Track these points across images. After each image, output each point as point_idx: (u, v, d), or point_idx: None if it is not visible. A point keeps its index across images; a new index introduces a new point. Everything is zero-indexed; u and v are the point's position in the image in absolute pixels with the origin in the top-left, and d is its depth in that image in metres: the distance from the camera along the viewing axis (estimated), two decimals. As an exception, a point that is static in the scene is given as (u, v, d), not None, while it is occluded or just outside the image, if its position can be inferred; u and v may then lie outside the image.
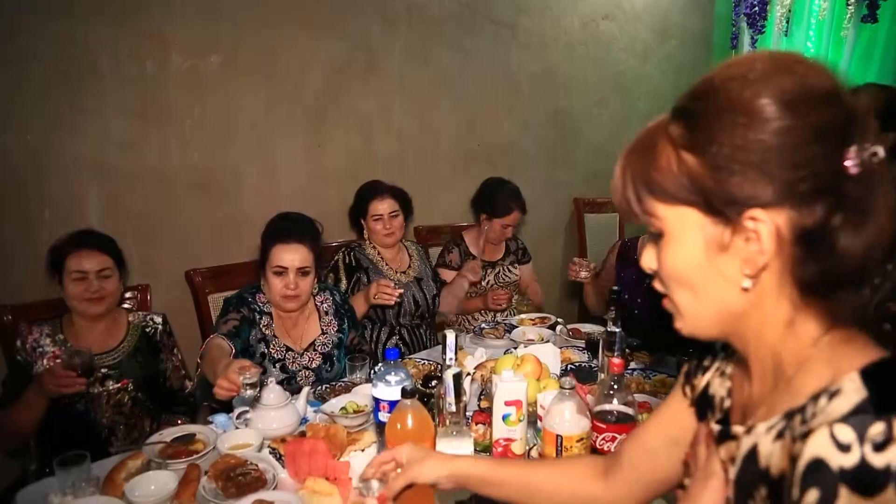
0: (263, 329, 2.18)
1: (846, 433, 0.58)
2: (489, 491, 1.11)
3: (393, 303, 2.51)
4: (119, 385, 2.05)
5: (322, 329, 2.30)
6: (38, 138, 2.44)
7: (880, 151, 0.62)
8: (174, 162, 2.76)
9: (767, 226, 0.66)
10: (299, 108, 3.11)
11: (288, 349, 2.20)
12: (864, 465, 0.56)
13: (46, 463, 1.90)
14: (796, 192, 0.64)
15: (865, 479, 0.56)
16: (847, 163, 0.63)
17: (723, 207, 0.68)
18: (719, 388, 0.88)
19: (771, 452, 0.65)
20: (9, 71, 2.36)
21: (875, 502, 0.55)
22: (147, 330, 2.20)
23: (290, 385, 2.14)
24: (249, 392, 1.63)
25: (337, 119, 3.24)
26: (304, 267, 2.15)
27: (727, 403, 0.86)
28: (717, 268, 0.71)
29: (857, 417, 0.58)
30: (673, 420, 0.94)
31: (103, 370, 2.03)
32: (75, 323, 2.08)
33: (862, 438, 0.57)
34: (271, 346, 2.17)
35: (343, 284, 2.72)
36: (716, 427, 0.80)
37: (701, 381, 0.92)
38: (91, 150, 2.55)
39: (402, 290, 2.54)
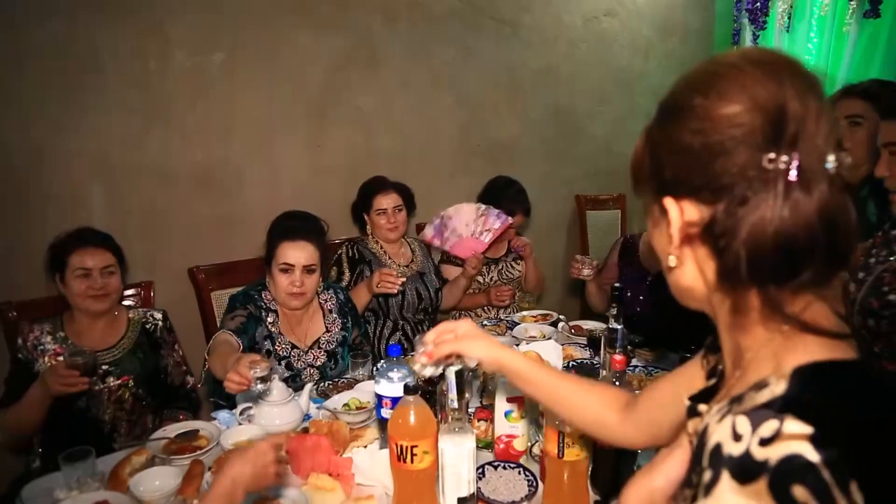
0: (269, 326, 2.18)
1: (744, 425, 0.62)
2: (520, 384, 1.21)
3: (395, 291, 2.52)
4: (120, 381, 2.06)
5: (326, 327, 2.30)
6: (41, 136, 2.45)
7: (793, 162, 0.65)
8: (176, 159, 2.77)
9: (674, 213, 0.74)
10: (301, 105, 3.12)
11: (293, 346, 2.21)
12: (747, 455, 0.60)
13: (49, 460, 1.91)
14: (703, 188, 0.71)
15: (744, 467, 0.60)
16: (765, 164, 0.66)
17: (655, 194, 0.78)
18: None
19: (714, 433, 0.68)
20: (11, 68, 2.37)
21: (747, 489, 0.59)
22: (147, 326, 2.21)
23: (295, 383, 2.14)
24: (260, 386, 1.63)
25: (338, 116, 3.25)
26: (311, 265, 2.16)
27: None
28: (660, 245, 0.81)
29: (759, 412, 0.62)
30: (686, 383, 0.97)
31: (104, 367, 2.04)
32: (76, 320, 2.08)
33: (754, 432, 0.61)
34: (277, 344, 2.18)
35: (346, 277, 2.73)
36: (686, 402, 0.85)
37: (717, 357, 0.95)
38: (94, 147, 2.56)
39: (404, 279, 2.54)
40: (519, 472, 1.51)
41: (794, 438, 0.58)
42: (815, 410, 0.60)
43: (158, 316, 2.25)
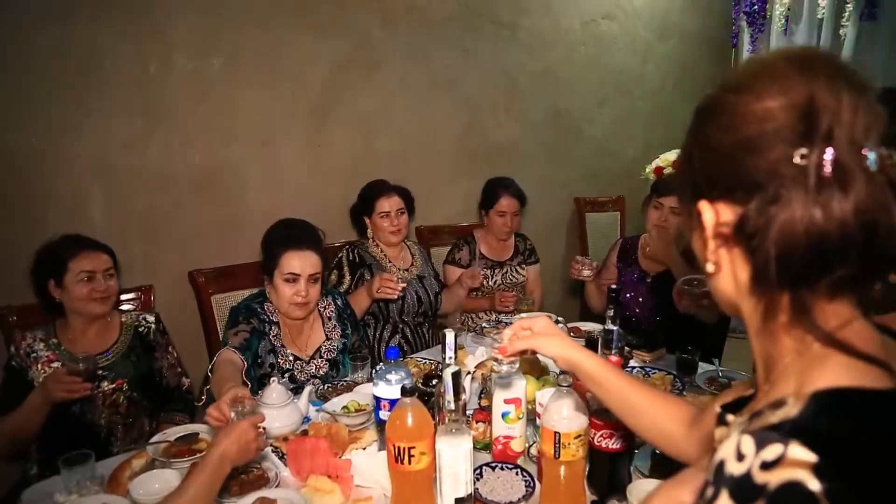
0: (272, 339, 2.16)
1: (748, 445, 0.60)
2: (591, 386, 1.22)
3: (395, 297, 2.52)
4: (114, 385, 2.06)
5: (326, 335, 2.29)
6: (42, 139, 2.46)
7: (827, 157, 0.63)
8: (177, 162, 2.78)
9: (708, 215, 0.72)
10: (301, 108, 3.13)
11: (296, 358, 2.19)
12: (747, 476, 0.59)
13: (47, 466, 1.92)
14: (736, 188, 0.69)
15: (744, 488, 0.59)
16: (797, 159, 0.64)
17: (689, 198, 0.76)
18: None
19: (720, 448, 0.67)
20: (13, 72, 2.38)
21: None
22: (140, 329, 2.21)
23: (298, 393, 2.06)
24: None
25: (338, 118, 3.26)
26: (316, 273, 2.14)
27: None
28: (699, 251, 0.79)
29: (765, 434, 0.60)
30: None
31: (98, 371, 2.05)
32: (70, 326, 2.08)
33: (757, 453, 0.59)
34: (280, 357, 2.16)
35: (346, 280, 2.73)
36: (717, 410, 0.83)
37: None
38: (94, 150, 2.57)
39: (404, 284, 2.55)
40: (516, 473, 1.51)
41: (797, 466, 0.56)
42: (825, 439, 0.57)
43: (151, 318, 2.25)
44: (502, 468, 1.54)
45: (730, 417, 0.79)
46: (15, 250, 2.36)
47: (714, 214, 0.72)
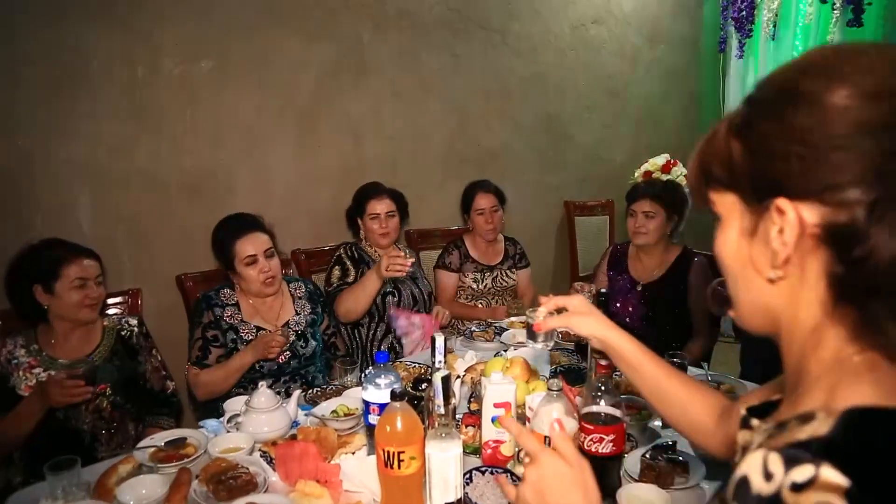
0: (228, 319, 2.29)
1: (776, 464, 0.57)
2: (623, 367, 1.21)
3: (405, 273, 2.49)
4: (97, 390, 2.04)
5: (296, 311, 2.43)
6: (30, 142, 2.44)
7: None
8: (166, 166, 2.77)
9: (791, 217, 0.63)
10: (291, 112, 3.12)
11: (259, 328, 2.31)
12: (777, 498, 0.56)
13: (31, 473, 1.90)
14: (831, 187, 0.61)
15: None
16: None
17: (755, 194, 0.68)
18: None
19: (743, 462, 0.63)
20: (0, 75, 2.36)
21: None
22: (123, 333, 2.20)
23: (268, 361, 2.24)
24: None
25: (328, 123, 3.26)
26: (269, 248, 2.32)
27: None
28: (750, 256, 0.70)
29: (794, 452, 0.56)
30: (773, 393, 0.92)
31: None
32: (53, 331, 2.06)
33: (786, 473, 0.56)
34: (241, 331, 2.29)
35: (352, 273, 2.73)
36: (742, 412, 0.80)
37: None
38: (83, 154, 2.56)
39: (413, 259, 2.53)
40: (506, 478, 1.51)
41: (829, 489, 0.52)
42: (858, 462, 0.54)
43: (134, 322, 2.24)
44: (492, 472, 1.53)
45: (754, 422, 0.75)
46: (1, 255, 2.34)
47: (797, 216, 0.63)
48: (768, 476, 0.57)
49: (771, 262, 0.67)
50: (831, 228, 0.61)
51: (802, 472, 0.54)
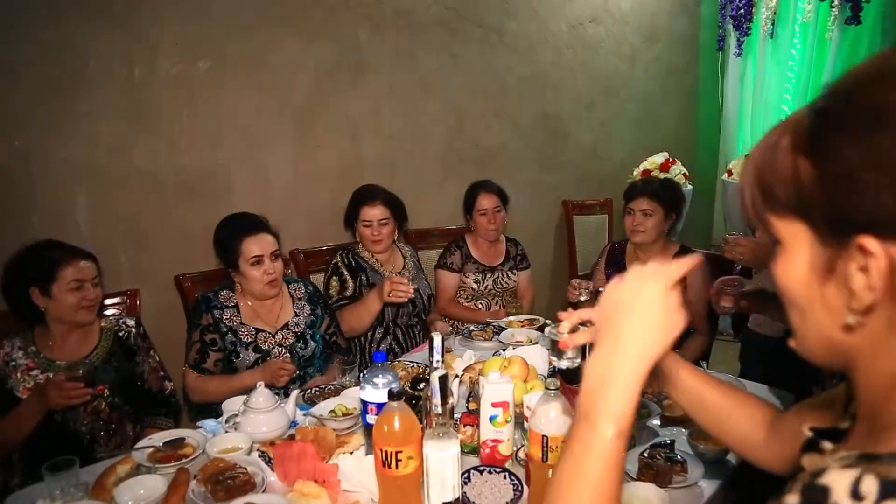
0: (227, 322, 2.28)
1: (871, 486, 0.51)
2: (663, 386, 1.12)
3: (406, 300, 2.53)
4: (95, 391, 2.04)
5: (295, 312, 2.42)
6: (27, 143, 2.44)
7: None
8: (164, 166, 2.77)
9: (880, 259, 0.54)
10: (288, 112, 3.12)
11: (258, 331, 2.31)
12: None
13: (30, 475, 1.89)
14: None
15: None
16: None
17: (831, 228, 0.57)
18: None
19: (829, 474, 0.56)
20: (-3, 76, 2.37)
21: None
22: (120, 334, 2.19)
23: (266, 363, 2.24)
24: None
25: (326, 122, 3.25)
26: (276, 251, 2.31)
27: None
28: (822, 294, 0.61)
29: (893, 485, 0.50)
30: (818, 416, 0.87)
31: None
32: (51, 332, 2.06)
33: (880, 500, 0.50)
34: (240, 334, 2.28)
35: (350, 286, 2.73)
36: (807, 433, 0.73)
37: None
38: (80, 154, 2.55)
39: (415, 286, 2.55)
40: (504, 477, 1.51)
41: None
42: None
43: (131, 323, 2.24)
44: (490, 472, 1.53)
45: (826, 445, 0.69)
46: (-1, 255, 2.34)
47: (887, 258, 0.53)
48: (857, 496, 0.51)
49: (849, 305, 0.58)
50: None
51: (868, 487, 0.50)
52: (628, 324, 0.81)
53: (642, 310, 0.81)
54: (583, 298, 2.65)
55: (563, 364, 1.23)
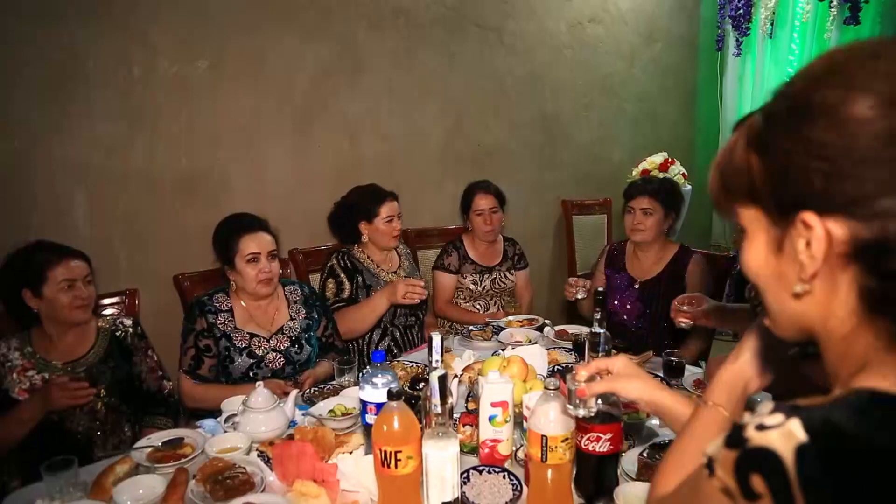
0: (221, 327, 2.27)
1: (766, 408, 0.61)
2: (678, 429, 1.12)
3: (419, 301, 2.55)
4: (98, 391, 2.03)
5: (290, 316, 2.41)
6: (25, 143, 2.44)
7: None
8: (162, 166, 2.76)
9: (818, 231, 0.63)
10: (287, 112, 3.12)
11: (252, 335, 2.30)
12: (741, 428, 0.60)
13: (27, 476, 1.89)
14: (858, 201, 0.60)
15: (734, 437, 0.61)
16: None
17: (778, 210, 0.67)
18: None
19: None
20: (-6, 75, 2.36)
21: (724, 453, 0.61)
22: (117, 334, 2.19)
23: (260, 368, 2.26)
24: None
25: (324, 122, 3.25)
26: (273, 250, 2.31)
27: None
28: (779, 270, 0.71)
29: (783, 406, 0.60)
30: None
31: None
32: (47, 333, 2.05)
33: (767, 415, 0.60)
34: (234, 339, 2.27)
35: (347, 287, 2.73)
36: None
37: None
38: (78, 154, 2.55)
39: (427, 292, 2.57)
40: (503, 477, 1.51)
41: (785, 438, 0.57)
42: (829, 430, 0.56)
43: (128, 323, 2.23)
44: (489, 472, 1.53)
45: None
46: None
47: (824, 231, 0.62)
48: (752, 412, 0.62)
49: (798, 275, 0.67)
50: (861, 242, 0.61)
51: (774, 418, 0.58)
52: None
53: None
54: (580, 296, 2.65)
55: (581, 412, 1.25)
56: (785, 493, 0.56)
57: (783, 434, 0.57)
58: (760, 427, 0.59)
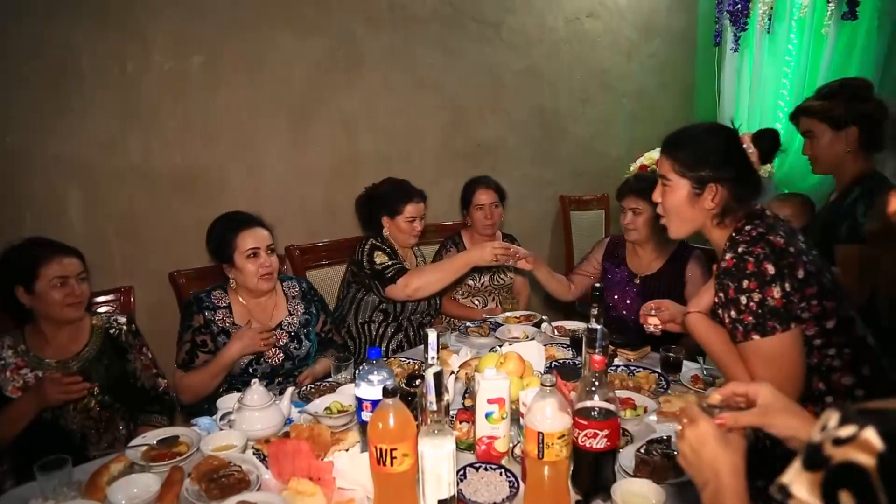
0: (219, 323, 2.26)
1: (833, 420, 0.63)
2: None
3: (511, 264, 2.58)
4: (92, 385, 2.02)
5: (289, 311, 2.40)
6: (19, 139, 2.43)
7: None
8: (157, 162, 2.75)
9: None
10: (283, 108, 3.11)
11: None
12: (819, 446, 0.62)
13: (20, 475, 1.88)
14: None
15: (813, 457, 0.62)
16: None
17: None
18: None
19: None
20: (-12, 72, 2.35)
21: (808, 476, 0.63)
22: (111, 332, 2.17)
23: (259, 364, 2.24)
24: None
25: (321, 118, 3.24)
26: (272, 244, 2.31)
27: None
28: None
29: (850, 413, 0.61)
30: None
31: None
32: (40, 331, 2.04)
33: (837, 429, 0.61)
34: (233, 333, 2.24)
35: (387, 259, 2.63)
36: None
37: None
38: (72, 150, 2.54)
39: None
40: (500, 474, 1.50)
41: (864, 450, 0.57)
42: None
43: (122, 320, 2.21)
44: (486, 469, 1.53)
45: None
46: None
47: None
48: (823, 428, 0.63)
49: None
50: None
51: (847, 430, 0.60)
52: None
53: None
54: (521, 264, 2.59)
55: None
56: (872, 501, 0.57)
57: (861, 445, 0.58)
58: (837, 442, 0.60)
